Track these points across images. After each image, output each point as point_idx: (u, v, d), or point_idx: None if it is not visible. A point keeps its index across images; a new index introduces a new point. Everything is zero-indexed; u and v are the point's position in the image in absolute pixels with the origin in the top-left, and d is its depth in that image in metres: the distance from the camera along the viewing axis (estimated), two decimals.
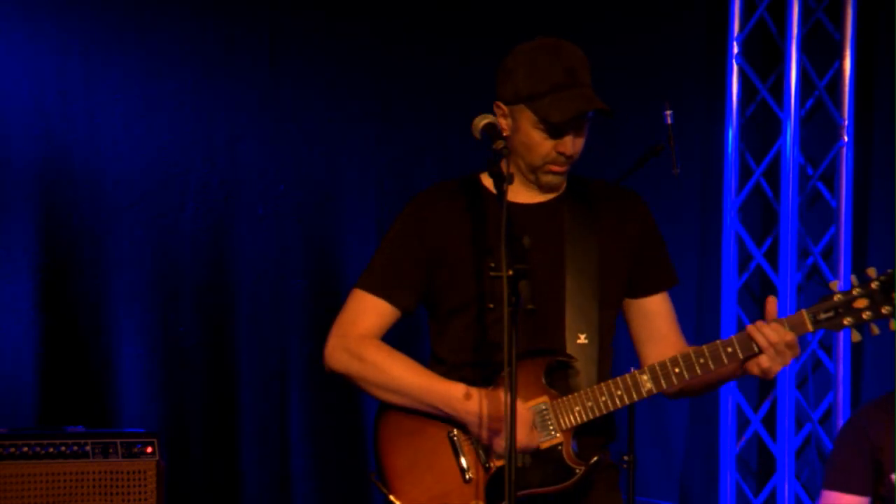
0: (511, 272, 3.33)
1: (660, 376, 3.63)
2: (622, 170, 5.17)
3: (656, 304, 3.82)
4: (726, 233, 6.60)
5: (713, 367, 3.61)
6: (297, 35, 6.12)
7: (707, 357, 3.61)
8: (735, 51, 6.60)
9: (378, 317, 3.75)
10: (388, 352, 3.74)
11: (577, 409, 3.62)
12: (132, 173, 5.86)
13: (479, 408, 3.59)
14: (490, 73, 3.77)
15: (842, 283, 6.34)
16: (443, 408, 3.64)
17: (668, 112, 5.19)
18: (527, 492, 3.53)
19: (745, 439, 6.62)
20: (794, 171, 6.50)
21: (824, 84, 6.56)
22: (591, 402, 3.62)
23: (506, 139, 3.60)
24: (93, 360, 5.78)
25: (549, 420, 3.61)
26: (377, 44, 6.24)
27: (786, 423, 6.49)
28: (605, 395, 3.62)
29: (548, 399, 3.62)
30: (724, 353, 3.60)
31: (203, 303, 5.95)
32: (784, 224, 6.50)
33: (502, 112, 3.69)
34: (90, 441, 4.96)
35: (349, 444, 6.11)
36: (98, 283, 5.80)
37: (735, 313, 6.58)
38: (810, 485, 6.50)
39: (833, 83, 6.56)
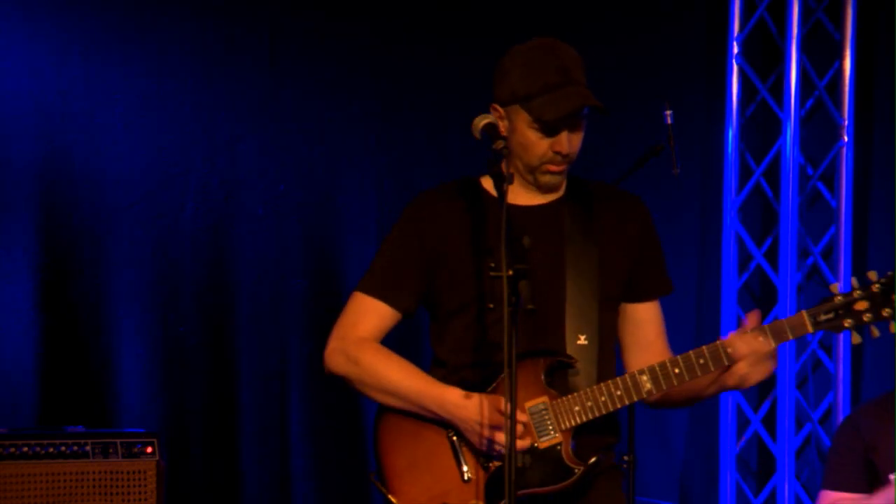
0: (511, 272, 3.33)
1: (660, 377, 3.62)
2: (622, 170, 5.17)
3: (646, 312, 3.81)
4: (726, 233, 6.60)
5: (713, 368, 3.60)
6: (297, 35, 6.12)
7: (707, 358, 3.60)
8: (735, 51, 6.60)
9: (378, 319, 3.75)
10: (385, 355, 3.74)
11: (577, 410, 3.61)
12: (132, 173, 5.86)
13: (473, 413, 3.58)
14: (490, 73, 3.77)
15: (842, 284, 6.34)
16: (438, 411, 3.63)
17: (668, 112, 5.19)
18: (526, 491, 3.53)
19: (745, 439, 6.62)
20: (794, 171, 6.49)
21: (824, 84, 6.56)
22: (591, 402, 3.61)
23: (505, 139, 3.60)
24: (93, 360, 5.77)
25: (549, 420, 3.61)
26: (377, 44, 6.24)
27: (786, 423, 6.49)
28: (605, 396, 3.62)
29: (547, 399, 3.62)
30: (724, 355, 3.61)
31: (203, 303, 5.95)
32: (784, 224, 6.50)
33: (499, 114, 3.68)
34: (90, 441, 4.96)
35: (349, 444, 6.11)
36: (98, 283, 5.79)
37: (735, 313, 6.58)
38: (810, 485, 6.50)
39: (833, 83, 6.56)
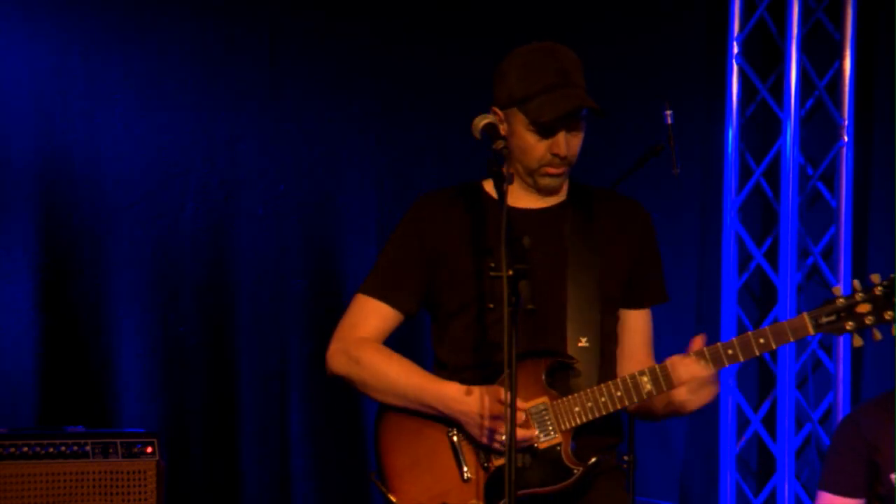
0: (511, 272, 3.33)
1: (660, 378, 3.62)
2: (622, 170, 5.17)
3: (635, 320, 3.82)
4: (726, 233, 6.60)
5: (713, 370, 3.60)
6: (297, 35, 6.12)
7: (708, 359, 3.61)
8: (735, 51, 6.60)
9: (379, 320, 3.76)
10: (386, 354, 3.75)
11: (577, 410, 3.62)
12: (132, 173, 5.85)
13: (473, 407, 3.59)
14: (490, 73, 3.77)
15: (842, 284, 6.34)
16: (438, 407, 3.64)
17: (668, 112, 5.19)
18: (526, 491, 3.53)
19: (745, 439, 6.61)
20: (794, 171, 6.49)
21: (824, 84, 6.56)
22: (591, 403, 3.62)
23: (505, 139, 3.60)
24: (93, 360, 5.77)
25: (549, 420, 3.61)
26: (377, 44, 6.24)
27: (786, 423, 6.49)
28: (605, 397, 3.62)
29: (547, 399, 3.62)
30: (724, 355, 3.61)
31: (203, 303, 5.95)
32: (784, 224, 6.50)
33: (499, 117, 3.69)
34: (90, 441, 4.95)
35: (349, 444, 6.11)
36: (98, 283, 5.79)
37: (735, 313, 6.58)
38: (810, 485, 6.49)
39: (833, 83, 6.55)
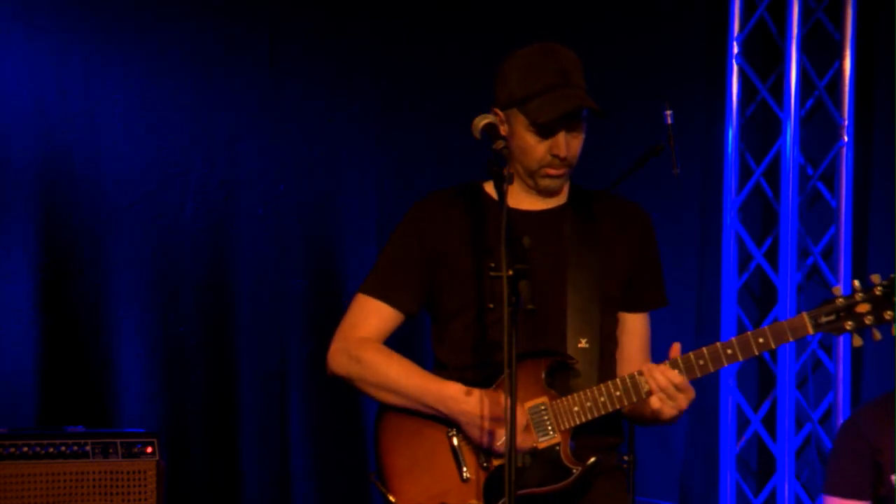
0: (511, 272, 3.33)
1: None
2: (622, 170, 5.17)
3: (634, 323, 3.82)
4: (726, 233, 6.60)
5: (712, 370, 3.60)
6: (297, 35, 6.12)
7: (707, 359, 3.60)
8: (735, 51, 6.60)
9: (379, 320, 3.76)
10: (386, 353, 3.75)
11: (576, 410, 3.62)
12: (132, 173, 5.85)
13: (473, 408, 3.60)
14: (490, 73, 3.77)
15: (842, 284, 6.34)
16: (438, 407, 3.64)
17: (668, 112, 5.19)
18: (525, 491, 3.53)
19: (745, 439, 6.61)
20: (794, 171, 6.49)
21: (824, 84, 6.56)
22: (590, 402, 3.62)
23: (505, 139, 3.60)
24: (93, 360, 5.77)
25: (548, 420, 3.61)
26: (377, 44, 6.24)
27: (786, 423, 6.49)
28: (604, 396, 3.62)
29: (547, 399, 3.62)
30: (723, 355, 3.61)
31: (203, 303, 5.94)
32: (784, 224, 6.50)
33: (499, 118, 3.69)
34: (90, 441, 4.95)
35: (349, 444, 6.11)
36: (98, 283, 5.79)
37: (735, 313, 6.58)
38: (810, 485, 6.49)
39: (833, 83, 6.55)
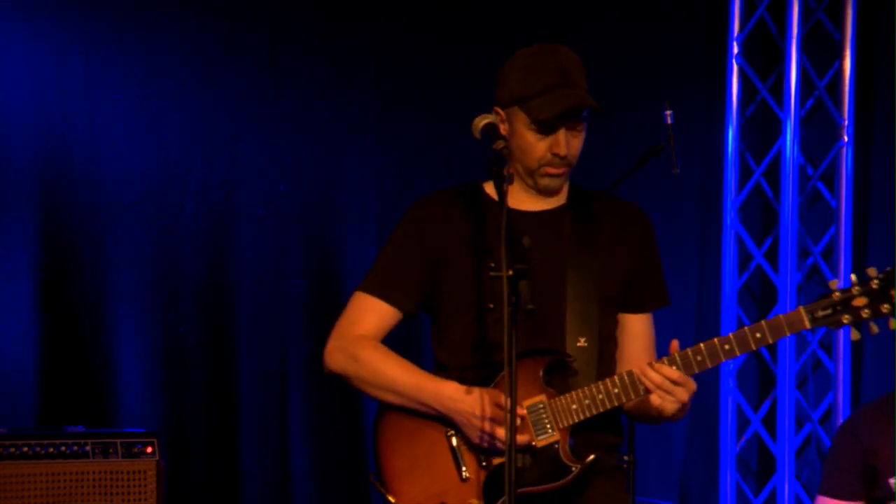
0: (511, 272, 3.33)
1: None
2: (622, 170, 5.17)
3: (636, 324, 3.82)
4: (726, 233, 6.60)
5: (710, 365, 3.60)
6: (297, 35, 6.12)
7: (705, 355, 3.60)
8: (735, 51, 6.60)
9: (377, 318, 3.76)
10: (384, 351, 3.75)
11: (574, 408, 3.61)
12: (132, 173, 5.86)
13: (471, 407, 3.59)
14: (490, 73, 3.77)
15: (842, 284, 6.33)
16: (436, 406, 3.64)
17: (668, 112, 5.19)
18: (524, 490, 3.52)
19: (745, 439, 6.61)
20: (794, 171, 6.49)
21: (824, 84, 6.56)
22: (589, 400, 3.61)
23: (505, 139, 3.61)
24: (93, 360, 5.77)
25: (546, 418, 3.61)
26: (377, 44, 6.24)
27: (786, 423, 6.49)
28: (603, 394, 3.62)
29: (545, 398, 3.62)
30: (721, 351, 3.60)
31: (203, 303, 5.95)
32: (784, 224, 6.50)
33: (500, 117, 3.70)
34: (90, 441, 4.95)
35: (349, 444, 6.11)
36: (98, 283, 5.79)
37: (735, 313, 6.58)
38: (810, 485, 6.49)
39: (833, 83, 6.55)
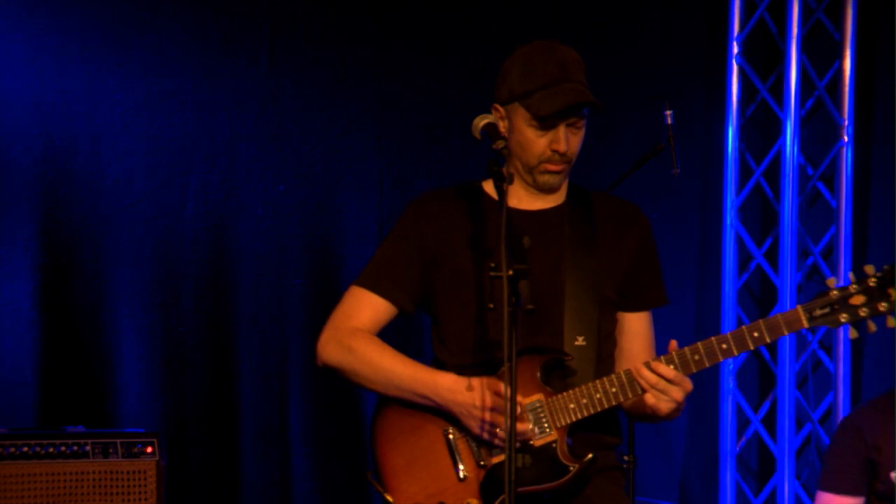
0: (511, 272, 3.33)
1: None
2: (622, 170, 5.18)
3: (635, 323, 3.82)
4: (726, 233, 6.60)
5: (708, 364, 3.60)
6: (297, 35, 6.12)
7: (702, 354, 3.60)
8: (735, 51, 6.60)
9: (372, 312, 3.76)
10: (379, 344, 3.75)
11: (572, 407, 3.61)
12: (132, 173, 5.86)
13: (468, 398, 3.59)
14: (490, 73, 3.78)
15: (841, 283, 6.33)
16: (432, 397, 3.64)
17: (668, 112, 5.19)
18: (522, 489, 3.52)
19: (745, 439, 6.61)
20: (794, 171, 6.49)
21: (824, 84, 6.56)
22: (586, 399, 3.61)
23: (505, 139, 3.61)
24: (93, 360, 5.77)
25: (544, 417, 3.61)
26: (377, 44, 6.24)
27: (786, 423, 6.49)
28: (600, 393, 3.61)
29: (542, 396, 3.62)
30: (718, 350, 3.60)
31: (203, 303, 5.95)
32: (784, 224, 6.50)
33: (499, 114, 3.70)
34: (90, 441, 4.95)
35: (349, 444, 6.11)
36: (98, 283, 5.79)
37: (735, 313, 6.58)
38: (810, 485, 6.49)
39: (833, 83, 6.56)
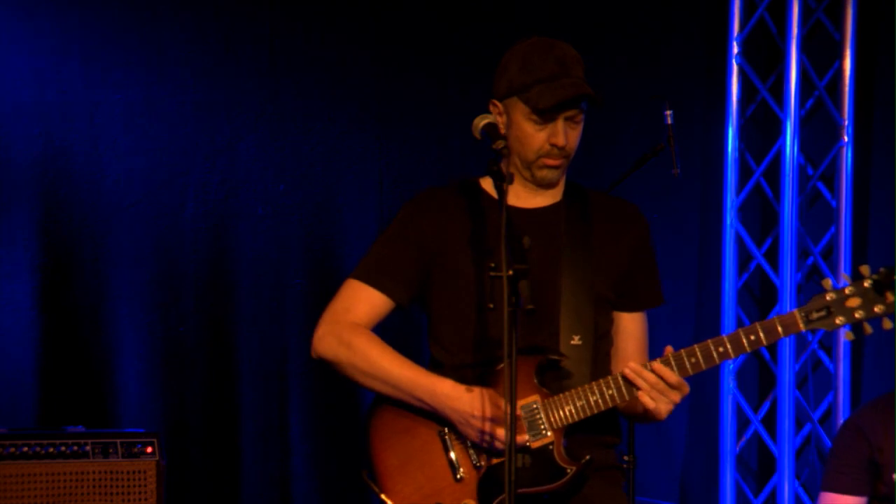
0: (511, 272, 3.33)
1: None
2: (622, 170, 5.17)
3: (630, 323, 3.82)
4: (726, 233, 6.60)
5: (704, 367, 3.59)
6: (297, 35, 6.12)
7: (699, 357, 3.59)
8: (735, 51, 6.59)
9: (370, 306, 3.75)
10: (378, 342, 3.74)
11: (568, 409, 3.60)
12: (132, 173, 5.86)
13: (466, 406, 3.59)
14: (490, 72, 3.78)
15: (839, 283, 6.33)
16: (430, 402, 3.63)
17: (668, 112, 5.19)
18: (519, 491, 3.48)
19: (745, 439, 6.61)
20: (794, 171, 6.49)
21: (824, 84, 6.56)
22: (583, 401, 3.60)
23: (505, 139, 3.61)
24: (93, 360, 5.78)
25: (540, 419, 3.60)
26: (377, 43, 6.24)
27: (786, 423, 6.48)
28: (597, 395, 3.61)
29: (539, 398, 3.62)
30: (715, 353, 3.59)
31: (203, 303, 5.95)
32: (784, 224, 6.49)
33: (498, 109, 3.70)
34: (90, 441, 4.95)
35: (349, 444, 6.11)
36: (98, 283, 5.80)
37: (735, 313, 6.57)
38: (810, 485, 6.50)
39: (833, 83, 6.55)
